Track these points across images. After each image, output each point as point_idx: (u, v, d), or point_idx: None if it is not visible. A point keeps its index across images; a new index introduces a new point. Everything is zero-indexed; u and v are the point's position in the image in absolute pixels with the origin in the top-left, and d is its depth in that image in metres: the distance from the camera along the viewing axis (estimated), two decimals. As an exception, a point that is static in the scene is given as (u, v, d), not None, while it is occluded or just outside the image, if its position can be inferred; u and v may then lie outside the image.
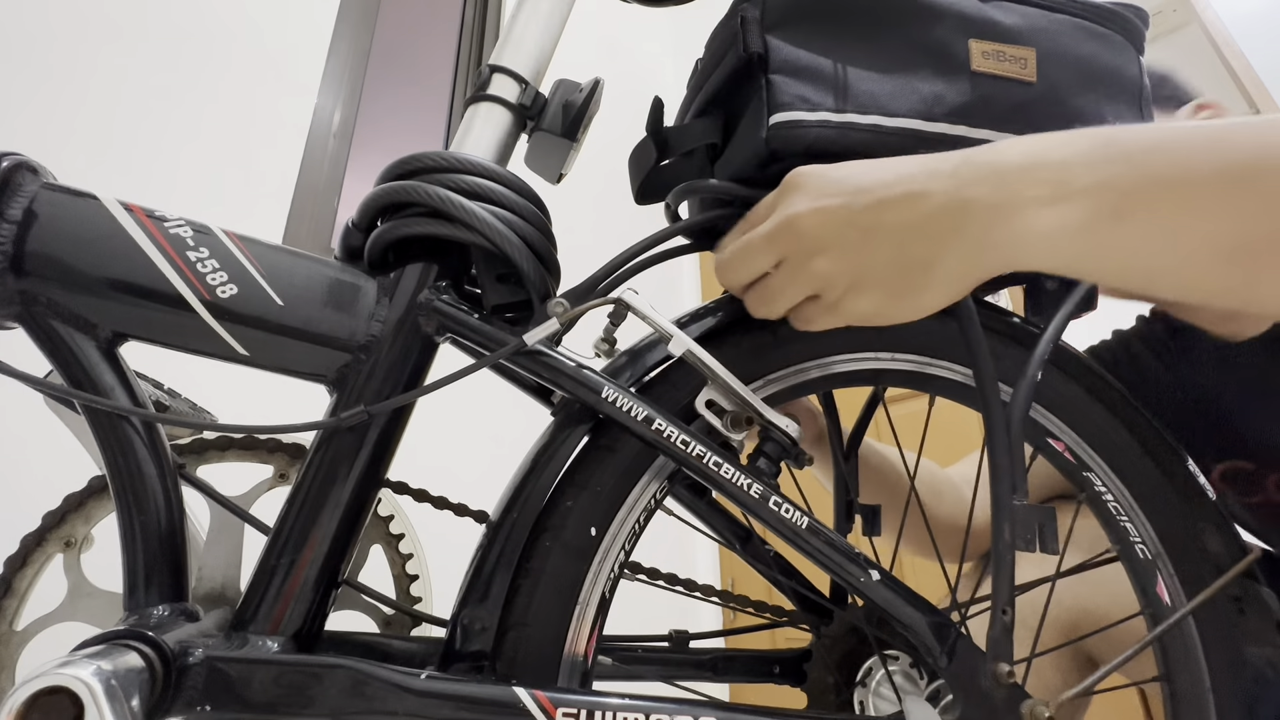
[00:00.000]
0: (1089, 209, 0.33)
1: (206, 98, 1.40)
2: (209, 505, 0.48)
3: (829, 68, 0.41)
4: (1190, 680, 0.47)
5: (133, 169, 1.23)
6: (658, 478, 0.42)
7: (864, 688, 0.50)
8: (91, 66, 1.25)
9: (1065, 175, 0.33)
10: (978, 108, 0.41)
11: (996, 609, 0.40)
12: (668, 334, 0.41)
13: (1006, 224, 0.34)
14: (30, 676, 0.28)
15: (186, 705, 0.33)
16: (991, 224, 0.34)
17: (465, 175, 0.43)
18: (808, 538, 0.40)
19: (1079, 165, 0.33)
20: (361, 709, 0.34)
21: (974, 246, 0.35)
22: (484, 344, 0.42)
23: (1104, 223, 0.32)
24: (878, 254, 0.36)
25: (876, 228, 0.36)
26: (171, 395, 0.54)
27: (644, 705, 0.35)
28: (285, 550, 0.39)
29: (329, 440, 0.41)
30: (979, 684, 0.39)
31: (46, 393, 0.42)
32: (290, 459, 0.52)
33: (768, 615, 0.55)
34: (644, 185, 0.50)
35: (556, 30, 0.53)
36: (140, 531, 0.39)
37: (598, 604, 0.40)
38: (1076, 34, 0.44)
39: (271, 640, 0.37)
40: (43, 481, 0.59)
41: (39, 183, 0.40)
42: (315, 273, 0.43)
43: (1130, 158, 0.32)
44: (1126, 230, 0.32)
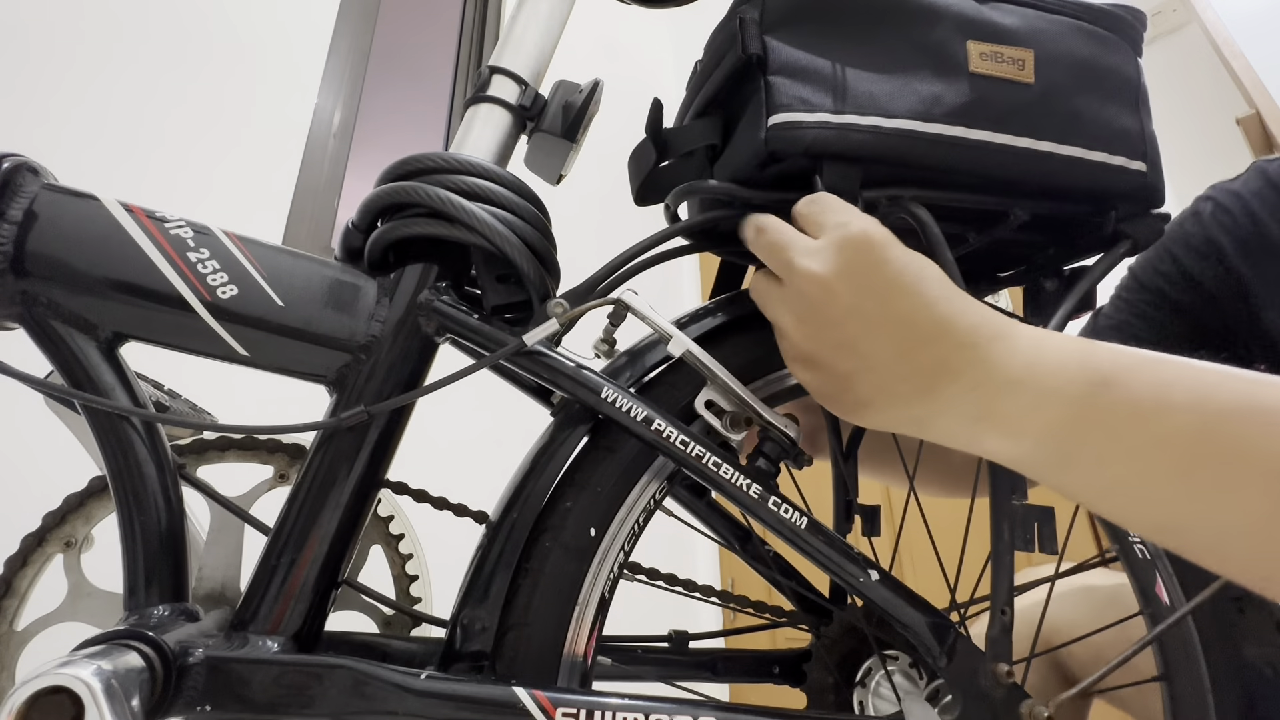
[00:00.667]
0: (1037, 452, 0.33)
1: (207, 98, 1.40)
2: (209, 505, 0.48)
3: (828, 69, 0.41)
4: (1190, 680, 0.47)
5: (133, 169, 1.23)
6: (657, 478, 0.42)
7: (863, 688, 0.50)
8: (92, 67, 1.25)
9: (1038, 403, 0.32)
10: (976, 108, 0.41)
11: (996, 609, 0.40)
12: (667, 334, 0.41)
13: (959, 429, 0.35)
14: (30, 676, 0.28)
15: (187, 705, 0.33)
16: (953, 421, 0.35)
17: (465, 176, 0.43)
18: (807, 538, 0.40)
19: (1054, 403, 0.32)
20: (361, 709, 0.34)
21: (929, 419, 0.36)
22: (484, 344, 0.42)
23: (1045, 465, 0.33)
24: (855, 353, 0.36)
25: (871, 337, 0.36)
26: (171, 395, 0.54)
27: (644, 705, 0.35)
28: (285, 550, 0.39)
29: (329, 440, 0.41)
30: (978, 684, 0.39)
31: (47, 393, 0.42)
32: (290, 459, 0.52)
33: (767, 615, 0.55)
34: (643, 186, 0.50)
35: (556, 31, 0.53)
36: (140, 531, 0.39)
37: (597, 604, 0.40)
38: (1075, 35, 0.44)
39: (271, 640, 0.37)
40: (43, 481, 0.59)
41: (40, 183, 0.40)
42: (315, 273, 0.43)
43: (1110, 424, 0.31)
44: (1069, 478, 0.32)
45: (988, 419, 0.34)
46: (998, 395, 0.33)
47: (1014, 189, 0.43)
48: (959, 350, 0.34)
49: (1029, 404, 0.33)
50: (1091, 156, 0.43)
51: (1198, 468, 0.28)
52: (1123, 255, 0.45)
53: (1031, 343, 0.34)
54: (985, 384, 0.34)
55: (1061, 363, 0.32)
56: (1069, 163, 0.42)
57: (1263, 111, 1.36)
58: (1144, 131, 0.44)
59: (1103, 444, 0.31)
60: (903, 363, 0.35)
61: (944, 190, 0.43)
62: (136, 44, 1.32)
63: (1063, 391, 0.32)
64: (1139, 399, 0.30)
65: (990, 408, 0.34)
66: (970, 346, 0.34)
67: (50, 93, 1.19)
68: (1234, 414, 0.27)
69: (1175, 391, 0.29)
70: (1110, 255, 0.45)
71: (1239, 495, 0.27)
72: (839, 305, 0.36)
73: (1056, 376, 0.32)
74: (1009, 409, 0.33)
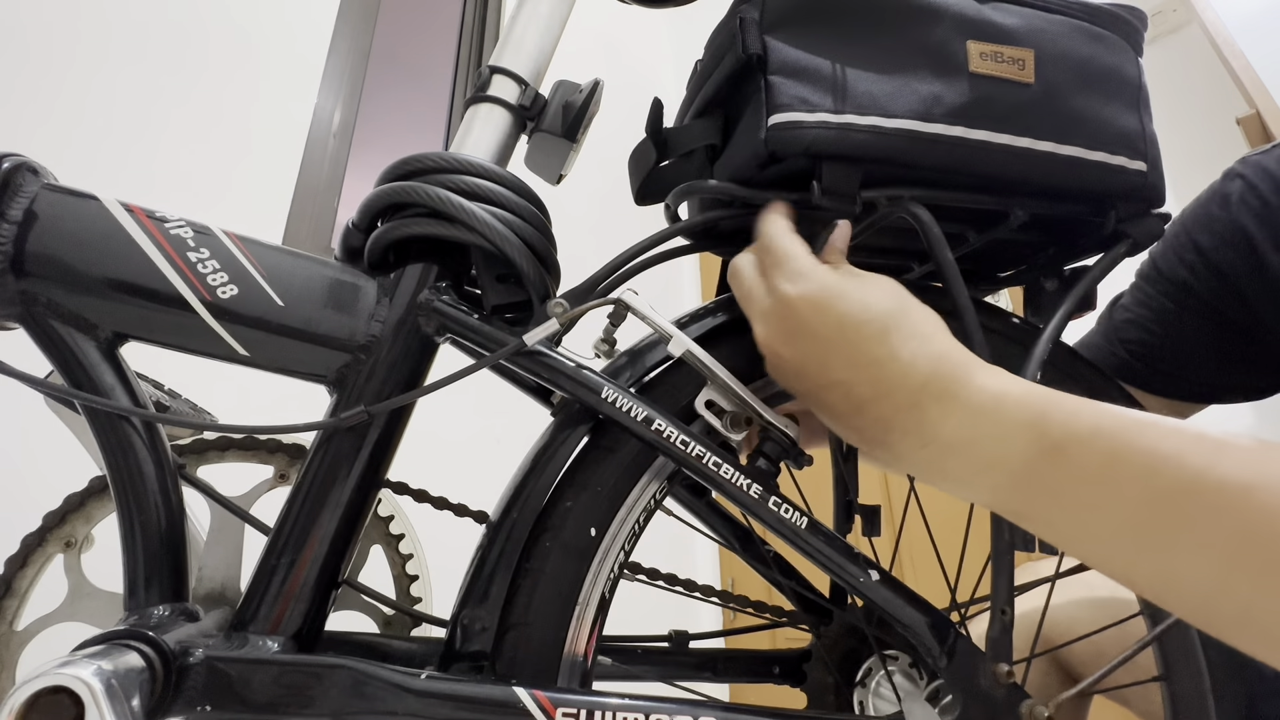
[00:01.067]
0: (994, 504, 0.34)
1: (207, 98, 1.40)
2: (209, 505, 0.48)
3: (828, 69, 0.41)
4: (1190, 680, 0.47)
5: (133, 169, 1.23)
6: (657, 478, 0.42)
7: (864, 688, 0.50)
8: (92, 67, 1.25)
9: (984, 468, 0.32)
10: (976, 108, 0.41)
11: (996, 609, 0.40)
12: (667, 334, 0.41)
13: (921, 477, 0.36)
14: (30, 676, 0.28)
15: (187, 705, 0.33)
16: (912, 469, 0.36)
17: (465, 176, 0.43)
18: (807, 538, 0.40)
19: (1000, 469, 0.32)
20: (361, 709, 0.34)
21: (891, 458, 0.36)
22: (484, 344, 0.42)
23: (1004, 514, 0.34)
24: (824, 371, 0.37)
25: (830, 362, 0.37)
26: (171, 395, 0.54)
27: (644, 705, 0.35)
28: (285, 550, 0.39)
29: (329, 440, 0.41)
30: (979, 684, 0.39)
31: (47, 393, 0.42)
32: (290, 459, 0.52)
33: (767, 615, 0.55)
34: (644, 186, 0.50)
35: (556, 31, 0.53)
36: (140, 531, 0.39)
37: (597, 604, 0.40)
38: (1075, 35, 0.44)
39: (271, 640, 0.37)
40: (43, 481, 0.59)
41: (40, 183, 0.40)
42: (315, 273, 0.43)
43: (1055, 493, 0.30)
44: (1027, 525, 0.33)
45: (939, 475, 0.34)
46: (944, 457, 0.34)
47: (1014, 189, 0.43)
48: (902, 412, 0.34)
49: (975, 468, 0.33)
50: (1092, 156, 0.43)
51: (1141, 534, 0.27)
52: (1123, 255, 0.45)
53: (981, 404, 0.33)
54: (931, 444, 0.34)
55: (1010, 428, 0.32)
56: (1069, 163, 0.42)
57: (1263, 111, 1.36)
58: (1144, 131, 0.44)
59: (1049, 508, 0.31)
60: (856, 416, 0.36)
61: (944, 190, 0.43)
62: (136, 44, 1.32)
63: (1007, 460, 0.31)
64: (1085, 471, 0.29)
65: (939, 466, 0.34)
66: (914, 408, 0.34)
67: (50, 92, 1.19)
68: (1181, 492, 0.26)
69: (1125, 465, 0.28)
70: (1110, 255, 0.45)
71: (1182, 558, 0.26)
72: (789, 366, 0.38)
73: (1001, 444, 0.32)
74: (956, 470, 0.34)
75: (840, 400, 0.36)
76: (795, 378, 0.38)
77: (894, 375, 0.34)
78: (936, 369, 0.34)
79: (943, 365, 0.34)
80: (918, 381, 0.34)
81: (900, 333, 0.35)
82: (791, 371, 0.38)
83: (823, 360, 0.36)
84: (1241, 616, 0.25)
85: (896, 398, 0.34)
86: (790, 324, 0.37)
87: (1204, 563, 0.25)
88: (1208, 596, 0.26)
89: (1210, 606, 0.26)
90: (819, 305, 0.36)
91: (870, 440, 0.36)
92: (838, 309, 0.36)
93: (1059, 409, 0.31)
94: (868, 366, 0.35)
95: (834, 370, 0.36)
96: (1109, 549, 0.29)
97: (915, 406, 0.34)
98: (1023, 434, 0.31)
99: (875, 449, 0.36)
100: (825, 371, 0.36)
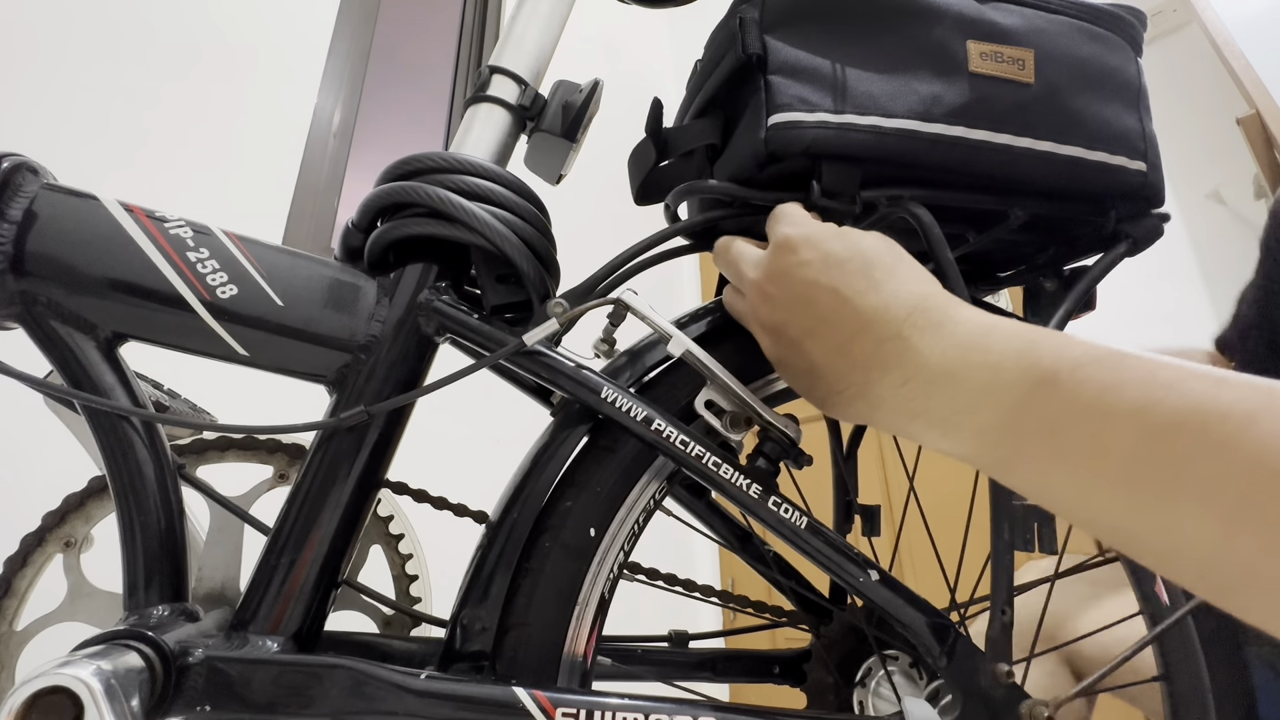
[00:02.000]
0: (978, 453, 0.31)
1: (206, 98, 1.40)
2: (209, 505, 0.48)
3: (828, 68, 0.41)
4: (1190, 680, 0.47)
5: (133, 169, 1.23)
6: (657, 478, 0.42)
7: (863, 688, 0.50)
8: (92, 67, 1.25)
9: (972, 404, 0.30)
10: (976, 108, 0.41)
11: (995, 609, 0.40)
12: (667, 334, 0.41)
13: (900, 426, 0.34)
14: (30, 676, 0.28)
15: (186, 705, 0.33)
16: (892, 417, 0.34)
17: (465, 176, 0.43)
18: (807, 538, 0.40)
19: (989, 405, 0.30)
20: (361, 709, 0.34)
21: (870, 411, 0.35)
22: (484, 344, 0.42)
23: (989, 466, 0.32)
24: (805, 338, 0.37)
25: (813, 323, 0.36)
26: (171, 395, 0.54)
27: (643, 705, 0.35)
28: (285, 550, 0.39)
29: (329, 440, 0.41)
30: (978, 684, 0.39)
31: (46, 393, 0.42)
32: (290, 459, 0.52)
33: (767, 615, 0.55)
34: (643, 186, 0.50)
35: (556, 31, 0.53)
36: (140, 531, 0.39)
37: (597, 604, 0.40)
38: (1075, 35, 0.44)
39: (271, 640, 0.37)
40: (43, 481, 0.59)
41: (39, 183, 0.40)
42: (315, 273, 0.43)
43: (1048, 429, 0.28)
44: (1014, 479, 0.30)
45: (922, 416, 0.33)
46: (927, 392, 0.32)
47: (1014, 189, 0.43)
48: (885, 343, 0.33)
49: (962, 405, 0.31)
50: (1091, 156, 0.43)
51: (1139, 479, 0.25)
52: (1123, 255, 0.45)
53: (969, 334, 0.32)
54: (914, 379, 0.32)
55: (1000, 358, 0.30)
56: (1069, 163, 0.42)
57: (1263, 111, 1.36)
58: (1144, 131, 0.44)
59: (1041, 449, 0.28)
60: (839, 359, 0.35)
61: (944, 190, 0.43)
62: (136, 44, 1.32)
63: (998, 393, 0.30)
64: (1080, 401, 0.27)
65: (922, 405, 0.32)
66: (896, 338, 0.33)
67: (50, 92, 1.19)
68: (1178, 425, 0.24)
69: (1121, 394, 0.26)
70: (1110, 255, 0.45)
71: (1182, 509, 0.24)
72: (779, 310, 0.38)
73: (993, 374, 0.30)
74: (941, 408, 0.32)
75: (821, 343, 0.36)
76: (780, 323, 0.38)
77: (877, 304, 0.34)
78: (920, 303, 0.34)
79: (927, 300, 0.34)
80: (901, 313, 0.33)
81: (883, 269, 0.35)
82: (779, 319, 0.38)
83: (807, 297, 0.36)
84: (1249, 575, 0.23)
85: (880, 328, 0.33)
86: (781, 261, 0.37)
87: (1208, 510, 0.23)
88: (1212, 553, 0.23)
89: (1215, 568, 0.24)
90: (809, 241, 0.36)
91: (852, 385, 0.35)
92: (823, 247, 0.36)
93: (1048, 341, 0.29)
94: (851, 298, 0.34)
95: (819, 305, 0.35)
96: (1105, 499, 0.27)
97: (898, 337, 0.33)
98: (1011, 364, 0.29)
99: (858, 395, 0.35)
100: (809, 309, 0.36)
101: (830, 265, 0.35)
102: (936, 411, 0.32)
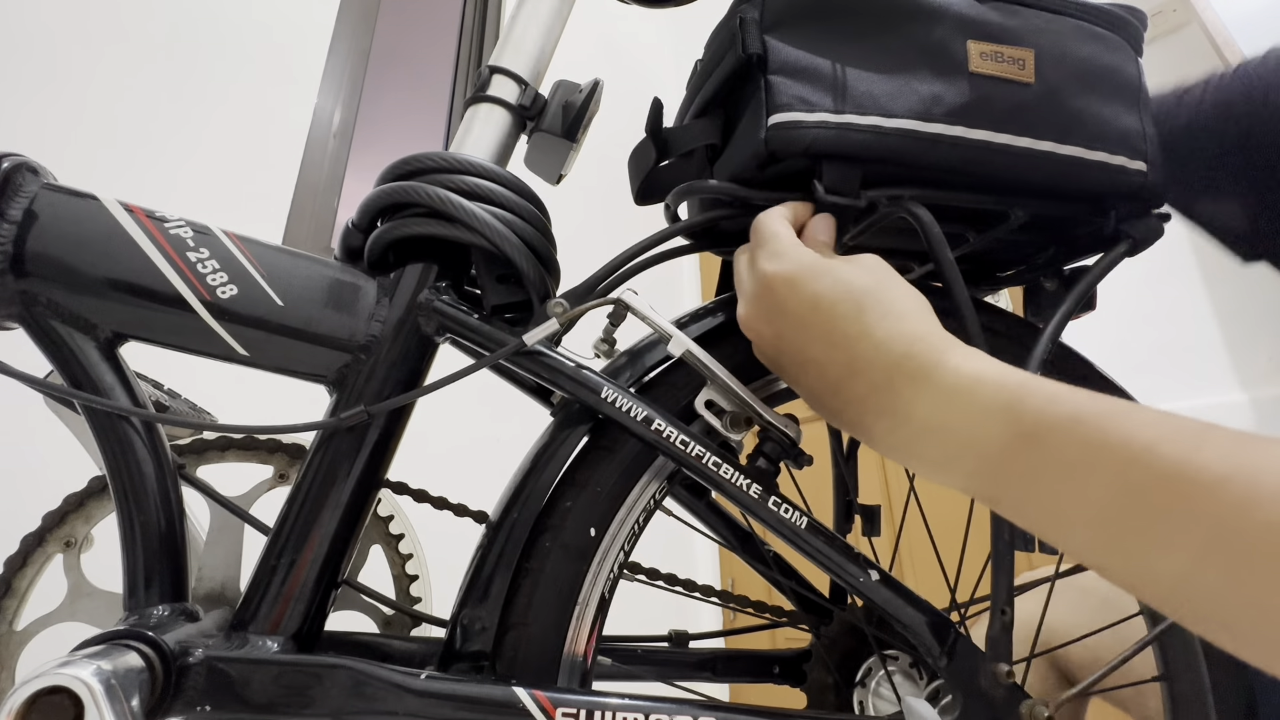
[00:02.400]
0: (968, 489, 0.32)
1: (206, 98, 1.40)
2: (209, 505, 0.48)
3: (828, 68, 0.41)
4: (1190, 680, 0.47)
5: (133, 169, 1.23)
6: (657, 478, 0.42)
7: (863, 688, 0.50)
8: (91, 67, 1.25)
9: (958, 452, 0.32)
10: (976, 108, 0.41)
11: (996, 609, 0.40)
12: (667, 334, 0.41)
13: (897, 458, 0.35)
14: (30, 676, 0.28)
15: (186, 705, 0.33)
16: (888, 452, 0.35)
17: (465, 176, 0.43)
18: (807, 538, 0.40)
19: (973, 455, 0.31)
20: (361, 709, 0.34)
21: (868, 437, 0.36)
22: (484, 344, 0.42)
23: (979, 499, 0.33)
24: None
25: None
26: (171, 395, 0.54)
27: (644, 705, 0.35)
28: (285, 550, 0.39)
29: (329, 440, 0.41)
30: (978, 684, 0.39)
31: (46, 393, 0.42)
32: (290, 459, 0.52)
33: (767, 615, 0.55)
34: (644, 186, 0.50)
35: (556, 31, 0.53)
36: (140, 531, 0.39)
37: (597, 604, 0.40)
38: (1075, 35, 0.44)
39: (271, 640, 0.37)
40: (43, 481, 0.59)
41: (39, 183, 0.40)
42: (315, 273, 0.43)
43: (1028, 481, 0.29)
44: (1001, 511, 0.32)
45: (915, 457, 0.34)
46: (917, 440, 0.33)
47: (1014, 189, 0.43)
48: (877, 391, 0.34)
49: (949, 453, 0.32)
50: (1092, 156, 0.43)
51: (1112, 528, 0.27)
52: (1123, 255, 0.45)
53: (954, 387, 0.32)
54: (905, 426, 0.33)
55: (984, 413, 0.31)
56: (1069, 163, 0.42)
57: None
58: (1144, 131, 0.44)
59: (1022, 494, 0.30)
60: (833, 396, 0.36)
61: (944, 190, 0.43)
62: (136, 43, 1.32)
63: (981, 445, 0.31)
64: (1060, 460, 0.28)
65: (914, 449, 0.34)
66: (887, 388, 0.34)
67: (50, 92, 1.19)
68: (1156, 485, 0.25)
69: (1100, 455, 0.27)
70: (1110, 255, 0.45)
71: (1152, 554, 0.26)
72: (768, 346, 0.39)
73: (977, 428, 0.31)
74: (930, 453, 0.33)
75: (816, 379, 0.36)
76: (774, 357, 0.39)
77: (867, 353, 0.34)
78: (909, 350, 0.34)
79: (917, 346, 0.34)
80: (891, 361, 0.34)
81: (875, 311, 0.35)
82: (770, 351, 0.39)
83: (798, 339, 0.36)
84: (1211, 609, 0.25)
85: (871, 376, 0.34)
86: (767, 302, 0.37)
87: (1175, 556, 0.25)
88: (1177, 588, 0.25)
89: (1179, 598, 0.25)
90: (794, 283, 0.36)
91: (847, 421, 0.36)
92: (812, 287, 0.36)
93: (1035, 395, 0.30)
94: (841, 345, 0.35)
95: (809, 348, 0.36)
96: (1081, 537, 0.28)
97: (889, 387, 0.34)
98: (997, 419, 0.30)
99: (853, 429, 0.36)
100: (801, 350, 0.36)
101: (820, 308, 0.35)
102: (927, 455, 0.33)
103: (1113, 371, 0.51)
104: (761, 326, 0.38)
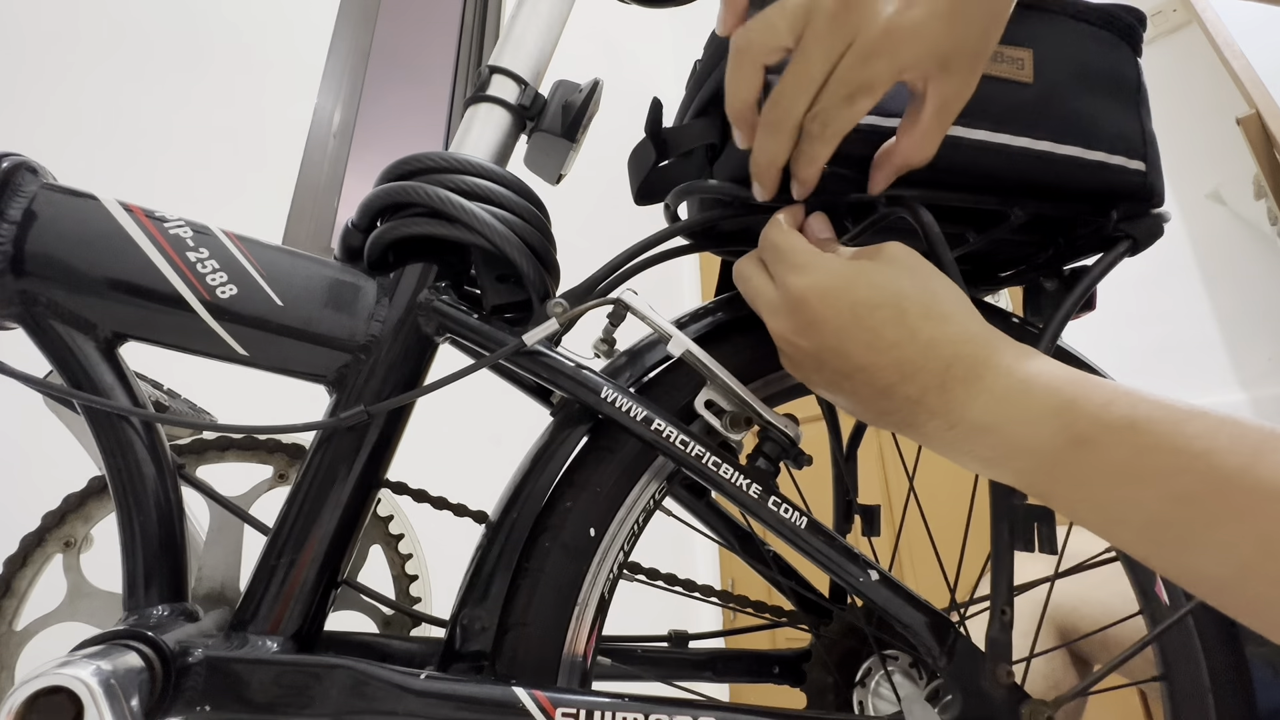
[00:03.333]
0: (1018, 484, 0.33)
1: (206, 98, 1.40)
2: (209, 505, 0.48)
3: (828, 68, 0.40)
4: (1190, 680, 0.47)
5: (132, 169, 1.23)
6: (657, 478, 0.42)
7: (863, 688, 0.50)
8: (91, 67, 1.25)
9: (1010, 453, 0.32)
10: (975, 108, 0.41)
11: (995, 609, 0.40)
12: (667, 334, 0.41)
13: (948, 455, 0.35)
14: (30, 676, 0.28)
15: (186, 705, 0.33)
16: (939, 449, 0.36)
17: (465, 176, 0.43)
18: (807, 538, 0.40)
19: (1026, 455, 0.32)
20: (361, 709, 0.34)
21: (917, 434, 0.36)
22: (483, 344, 0.42)
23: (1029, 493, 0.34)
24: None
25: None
26: (171, 395, 0.54)
27: (643, 705, 0.35)
28: (285, 550, 0.39)
29: (329, 440, 0.41)
30: (979, 684, 0.39)
31: (46, 393, 0.42)
32: (290, 459, 0.52)
33: (767, 615, 0.55)
34: (643, 186, 0.49)
35: (556, 31, 0.53)
36: (140, 531, 0.39)
37: (597, 604, 0.40)
38: (1074, 35, 0.44)
39: (271, 640, 0.37)
40: (43, 481, 0.59)
41: (39, 183, 0.40)
42: (315, 273, 0.43)
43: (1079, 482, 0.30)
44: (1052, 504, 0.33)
45: (967, 455, 0.34)
46: (970, 439, 0.33)
47: (1013, 189, 0.43)
48: (929, 394, 0.34)
49: (1002, 452, 0.33)
50: (1091, 156, 0.43)
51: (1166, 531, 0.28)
52: (1123, 255, 0.45)
53: (1008, 389, 0.33)
54: (959, 425, 0.33)
55: (1037, 415, 0.31)
56: (1068, 162, 0.42)
57: (1263, 111, 1.36)
58: (1143, 131, 0.44)
59: (1073, 494, 0.31)
60: (881, 399, 0.35)
61: (944, 190, 0.43)
62: (136, 44, 1.32)
63: (1033, 446, 0.31)
64: (1112, 465, 0.29)
65: (967, 447, 0.34)
66: (939, 389, 0.34)
67: (49, 92, 1.19)
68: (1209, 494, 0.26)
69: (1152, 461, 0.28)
70: (1110, 255, 0.45)
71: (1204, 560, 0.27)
72: (807, 360, 0.37)
73: (1028, 430, 0.31)
74: (984, 451, 0.33)
75: (864, 387, 0.36)
76: (814, 370, 0.38)
77: (916, 357, 0.34)
78: (959, 351, 0.34)
79: (967, 347, 0.34)
80: (942, 363, 0.34)
81: (916, 313, 0.35)
82: (810, 364, 0.37)
83: (841, 349, 0.36)
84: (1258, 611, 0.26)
85: (923, 379, 0.34)
86: (802, 317, 0.36)
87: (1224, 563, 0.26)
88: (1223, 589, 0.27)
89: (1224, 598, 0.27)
90: (828, 295, 0.36)
91: (899, 422, 0.36)
92: (848, 297, 0.35)
93: (1089, 400, 0.30)
94: (888, 350, 0.34)
95: (854, 357, 0.35)
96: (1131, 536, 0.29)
97: (942, 388, 0.34)
98: (1050, 423, 0.31)
99: (904, 430, 0.36)
100: (845, 360, 0.36)
101: (860, 316, 0.35)
102: (979, 453, 0.34)
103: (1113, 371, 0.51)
104: (799, 340, 0.37)
